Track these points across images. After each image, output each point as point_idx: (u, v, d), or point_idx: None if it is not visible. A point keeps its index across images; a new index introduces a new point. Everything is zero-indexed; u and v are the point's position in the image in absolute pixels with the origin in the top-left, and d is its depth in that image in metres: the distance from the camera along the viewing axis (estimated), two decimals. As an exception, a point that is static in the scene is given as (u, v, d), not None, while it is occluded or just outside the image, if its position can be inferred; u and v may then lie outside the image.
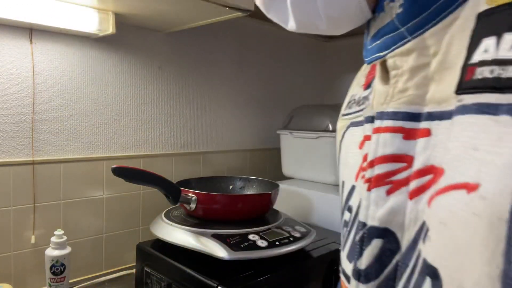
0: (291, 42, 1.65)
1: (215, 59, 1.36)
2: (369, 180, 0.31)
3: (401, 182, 0.28)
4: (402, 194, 0.28)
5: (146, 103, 1.19)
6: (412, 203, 0.27)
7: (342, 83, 1.77)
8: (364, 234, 0.31)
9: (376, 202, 0.30)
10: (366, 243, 0.31)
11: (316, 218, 1.21)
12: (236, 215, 0.93)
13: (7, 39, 0.92)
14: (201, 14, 0.99)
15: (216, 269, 0.79)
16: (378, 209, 0.30)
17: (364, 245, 0.31)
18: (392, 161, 0.29)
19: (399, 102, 0.29)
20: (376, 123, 0.31)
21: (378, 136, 0.30)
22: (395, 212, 0.28)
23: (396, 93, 0.29)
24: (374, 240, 0.30)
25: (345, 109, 0.43)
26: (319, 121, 1.33)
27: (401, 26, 0.29)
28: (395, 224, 0.28)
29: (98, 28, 0.97)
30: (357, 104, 0.39)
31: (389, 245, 0.29)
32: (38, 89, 0.97)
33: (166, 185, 0.88)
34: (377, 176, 0.30)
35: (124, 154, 1.14)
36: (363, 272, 0.31)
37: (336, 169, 1.28)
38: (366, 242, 0.31)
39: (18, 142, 0.95)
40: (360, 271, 0.31)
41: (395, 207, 0.28)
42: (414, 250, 0.27)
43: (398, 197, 0.28)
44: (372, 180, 0.30)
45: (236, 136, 1.46)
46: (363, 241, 0.31)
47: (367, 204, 0.31)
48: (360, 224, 0.32)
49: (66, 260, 0.93)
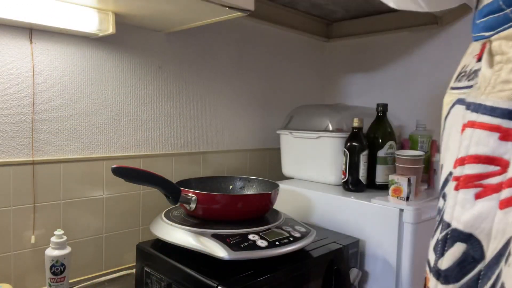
0: (291, 42, 1.65)
1: (215, 59, 1.36)
2: (458, 178, 0.29)
3: (493, 188, 0.26)
4: (492, 201, 0.26)
5: (146, 103, 1.19)
6: (502, 213, 0.25)
7: (342, 83, 1.77)
8: (448, 235, 0.30)
9: (463, 204, 0.28)
10: (448, 245, 0.30)
11: (316, 218, 1.21)
12: (236, 215, 0.93)
13: (7, 39, 0.92)
14: (201, 14, 0.99)
15: (216, 269, 0.79)
16: (464, 213, 0.28)
17: (446, 246, 0.30)
18: (485, 163, 0.27)
19: (499, 96, 0.26)
20: (472, 115, 0.28)
21: (473, 131, 0.28)
22: (482, 218, 0.26)
23: (498, 83, 0.27)
24: (457, 243, 0.29)
25: (454, 82, 0.39)
26: (319, 121, 1.33)
27: (506, 7, 0.26)
28: (480, 232, 0.27)
29: (98, 28, 0.97)
30: (467, 78, 0.35)
31: (472, 252, 0.27)
32: (38, 89, 0.98)
33: (166, 185, 0.88)
34: (466, 177, 0.28)
35: (124, 154, 1.14)
36: (443, 273, 0.30)
37: (336, 169, 1.28)
38: (448, 244, 0.30)
39: (18, 142, 0.95)
40: (440, 271, 0.30)
41: (483, 213, 0.26)
42: (498, 265, 0.25)
43: (487, 204, 0.26)
44: (461, 180, 0.28)
45: (236, 136, 1.46)
46: (446, 242, 0.30)
47: (453, 203, 0.29)
48: (445, 224, 0.30)
49: (66, 260, 0.93)
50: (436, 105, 1.45)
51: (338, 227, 1.14)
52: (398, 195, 1.08)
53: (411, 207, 1.01)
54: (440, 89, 1.44)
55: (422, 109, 1.49)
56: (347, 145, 1.21)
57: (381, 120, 1.25)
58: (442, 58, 1.44)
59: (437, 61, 1.45)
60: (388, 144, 1.22)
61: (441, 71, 1.44)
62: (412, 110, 1.52)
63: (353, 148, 1.20)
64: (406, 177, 1.07)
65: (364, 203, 1.09)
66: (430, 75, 1.47)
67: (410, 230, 1.00)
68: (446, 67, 1.43)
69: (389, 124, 1.25)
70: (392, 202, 1.06)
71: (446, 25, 1.41)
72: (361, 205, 1.10)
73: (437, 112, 1.45)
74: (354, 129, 1.20)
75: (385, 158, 1.22)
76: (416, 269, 1.02)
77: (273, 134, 1.57)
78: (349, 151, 1.20)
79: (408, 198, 1.06)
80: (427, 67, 1.48)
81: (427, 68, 1.48)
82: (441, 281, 0.30)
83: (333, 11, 1.59)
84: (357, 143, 1.19)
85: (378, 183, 1.23)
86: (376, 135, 1.24)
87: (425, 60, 1.49)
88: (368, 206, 1.08)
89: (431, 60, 1.47)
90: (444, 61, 1.43)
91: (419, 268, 1.04)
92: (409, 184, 1.06)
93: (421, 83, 1.50)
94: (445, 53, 1.43)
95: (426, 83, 1.49)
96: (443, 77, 1.43)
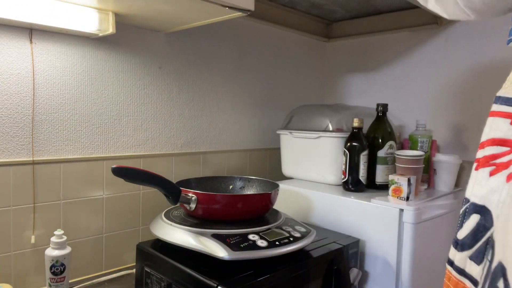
0: (291, 42, 1.65)
1: (215, 59, 1.36)
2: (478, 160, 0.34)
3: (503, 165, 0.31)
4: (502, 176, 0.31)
5: (146, 103, 1.19)
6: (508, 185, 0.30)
7: (342, 83, 1.77)
8: (466, 208, 0.36)
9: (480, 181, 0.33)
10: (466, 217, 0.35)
11: (316, 218, 1.21)
12: (236, 215, 0.93)
13: (7, 39, 0.92)
14: (201, 14, 0.99)
15: (216, 269, 0.79)
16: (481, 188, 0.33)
17: (465, 218, 0.35)
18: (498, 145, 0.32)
19: None
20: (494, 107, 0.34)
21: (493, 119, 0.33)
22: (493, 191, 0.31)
23: None
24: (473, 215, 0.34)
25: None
26: (319, 121, 1.33)
27: None
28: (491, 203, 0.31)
29: (98, 28, 0.97)
30: None
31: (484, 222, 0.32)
32: (38, 89, 0.98)
33: (166, 185, 0.88)
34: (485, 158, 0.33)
35: (124, 154, 1.14)
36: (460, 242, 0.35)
37: (336, 169, 1.28)
38: (466, 216, 0.35)
39: (18, 142, 0.95)
40: (458, 240, 0.35)
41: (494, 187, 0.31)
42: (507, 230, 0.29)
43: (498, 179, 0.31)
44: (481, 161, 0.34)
45: (236, 136, 1.46)
46: (465, 215, 0.35)
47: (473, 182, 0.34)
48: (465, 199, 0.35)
49: (66, 260, 0.93)
50: (436, 105, 1.45)
51: (338, 227, 1.14)
52: (398, 195, 1.08)
53: (411, 207, 1.01)
54: (440, 89, 1.44)
55: (422, 109, 1.49)
56: (347, 145, 1.21)
57: (381, 120, 1.25)
58: (442, 58, 1.44)
59: (437, 61, 1.45)
60: (388, 144, 1.22)
61: (441, 71, 1.44)
62: (412, 110, 1.52)
63: (353, 148, 1.20)
64: (406, 177, 1.07)
65: (364, 203, 1.09)
66: (430, 75, 1.47)
67: (410, 230, 1.00)
68: (446, 67, 1.43)
69: (389, 124, 1.25)
70: (392, 202, 1.06)
71: (446, 25, 1.41)
72: (361, 205, 1.10)
73: (437, 112, 1.45)
74: (354, 129, 1.20)
75: (385, 158, 1.23)
76: (416, 269, 1.02)
77: (273, 134, 1.57)
78: (349, 151, 1.20)
79: (408, 198, 1.06)
80: (427, 67, 1.48)
81: (427, 68, 1.48)
82: (458, 249, 0.36)
83: (333, 11, 1.59)
84: (357, 143, 1.19)
85: (378, 183, 1.23)
86: (376, 135, 1.24)
87: (425, 60, 1.49)
88: (368, 206, 1.08)
89: (431, 60, 1.47)
90: (444, 61, 1.43)
91: (419, 268, 1.04)
92: (409, 184, 1.06)
93: (421, 83, 1.50)
94: (445, 53, 1.43)
95: (426, 83, 1.49)
96: (443, 77, 1.43)
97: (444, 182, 1.27)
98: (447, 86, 1.42)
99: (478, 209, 0.34)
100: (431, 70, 1.47)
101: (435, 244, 1.11)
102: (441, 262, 1.11)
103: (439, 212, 1.11)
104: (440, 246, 1.12)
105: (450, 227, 1.16)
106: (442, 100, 1.44)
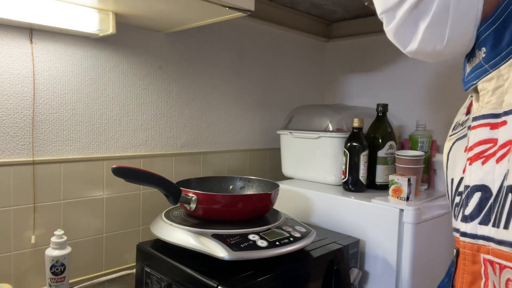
0: (291, 42, 1.65)
1: (215, 59, 1.36)
2: (470, 158, 0.46)
3: (491, 155, 0.43)
4: (492, 161, 0.42)
5: (146, 103, 1.19)
6: (498, 165, 0.42)
7: (342, 83, 1.77)
8: (468, 192, 0.45)
9: (475, 171, 0.45)
10: (470, 196, 0.45)
11: (316, 218, 1.21)
12: (236, 215, 0.93)
13: (7, 39, 0.92)
14: (201, 14, 0.99)
15: (216, 269, 0.79)
16: (477, 175, 0.44)
17: (469, 198, 0.45)
18: (484, 144, 0.44)
19: (486, 109, 0.45)
20: (473, 123, 0.46)
21: (475, 130, 0.46)
22: (488, 173, 0.43)
23: (484, 104, 0.45)
24: (476, 193, 0.44)
25: (451, 131, 0.58)
26: (319, 121, 1.33)
27: (485, 63, 0.45)
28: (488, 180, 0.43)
29: (98, 28, 0.97)
30: (461, 126, 0.55)
31: (485, 194, 0.43)
32: (38, 89, 0.98)
33: (166, 185, 0.88)
34: (475, 154, 0.45)
35: (124, 154, 1.14)
36: (469, 215, 0.45)
37: (336, 169, 1.28)
38: (470, 196, 0.45)
39: (18, 142, 0.95)
40: (466, 215, 0.46)
41: (488, 170, 0.43)
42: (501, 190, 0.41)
43: (490, 164, 0.43)
44: (472, 158, 0.45)
45: (236, 136, 1.46)
46: (468, 196, 0.45)
47: (469, 173, 0.45)
48: (465, 187, 0.46)
49: (66, 260, 0.93)
50: (436, 105, 1.45)
51: (338, 227, 1.14)
52: (398, 195, 1.08)
53: (411, 207, 1.01)
54: (440, 89, 1.44)
55: (422, 109, 1.49)
56: (347, 145, 1.21)
57: (381, 120, 1.25)
58: (442, 58, 1.43)
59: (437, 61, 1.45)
60: (388, 144, 1.22)
61: (441, 71, 1.44)
62: (412, 110, 1.52)
63: (353, 148, 1.20)
64: (406, 177, 1.07)
65: (364, 203, 1.09)
66: (430, 75, 1.47)
67: (410, 230, 1.00)
68: (446, 67, 1.43)
69: (389, 124, 1.25)
70: (392, 202, 1.06)
71: (446, 25, 1.41)
72: (361, 205, 1.10)
73: (437, 112, 1.45)
74: (354, 129, 1.20)
75: (385, 158, 1.23)
76: (416, 269, 1.02)
77: (273, 134, 1.57)
78: (349, 151, 1.20)
79: (408, 198, 1.06)
80: (427, 67, 1.48)
81: (427, 68, 1.48)
82: (468, 221, 0.45)
83: (333, 11, 1.59)
84: (357, 143, 1.19)
85: (378, 183, 1.23)
86: (376, 135, 1.24)
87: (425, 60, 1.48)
88: (368, 206, 1.08)
89: (431, 60, 1.47)
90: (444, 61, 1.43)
91: (419, 268, 1.04)
92: (409, 184, 1.06)
93: (421, 83, 1.50)
94: (445, 53, 1.43)
95: (426, 83, 1.49)
96: (443, 77, 1.43)
97: (444, 182, 1.27)
98: (448, 86, 1.42)
99: (478, 187, 0.44)
100: (431, 70, 1.47)
101: (435, 244, 1.11)
102: (441, 262, 1.11)
103: (439, 212, 1.11)
104: (440, 246, 1.12)
105: (450, 227, 1.16)
106: (442, 100, 1.44)
